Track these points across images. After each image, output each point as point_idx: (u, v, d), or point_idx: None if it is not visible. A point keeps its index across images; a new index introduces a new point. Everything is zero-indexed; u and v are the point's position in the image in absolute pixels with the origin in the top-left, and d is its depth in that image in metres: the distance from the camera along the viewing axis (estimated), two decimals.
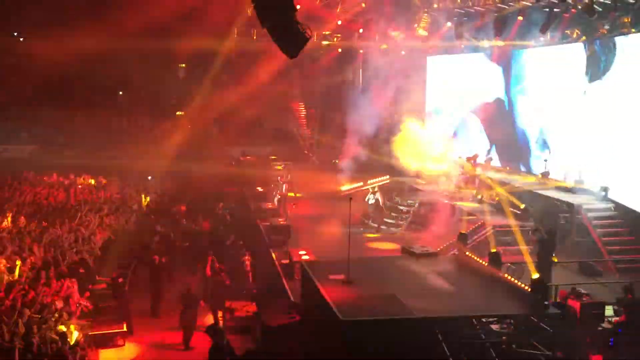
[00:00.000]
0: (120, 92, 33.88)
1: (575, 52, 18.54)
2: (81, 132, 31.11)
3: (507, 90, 22.27)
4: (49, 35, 24.18)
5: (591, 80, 17.77)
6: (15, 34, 29.69)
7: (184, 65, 31.62)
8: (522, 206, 17.10)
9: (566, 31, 18.93)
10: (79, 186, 24.05)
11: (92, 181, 25.12)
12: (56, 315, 11.95)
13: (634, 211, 15.33)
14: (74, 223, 18.37)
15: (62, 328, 11.69)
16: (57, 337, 11.15)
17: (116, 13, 23.74)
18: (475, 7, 20.92)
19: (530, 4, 18.33)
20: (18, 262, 14.31)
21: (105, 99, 31.93)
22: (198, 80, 29.02)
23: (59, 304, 12.46)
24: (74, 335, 11.84)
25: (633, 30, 16.10)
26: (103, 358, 12.64)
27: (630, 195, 15.71)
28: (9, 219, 18.36)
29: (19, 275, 13.87)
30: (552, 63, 19.67)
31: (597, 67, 17.55)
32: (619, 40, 16.56)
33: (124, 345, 13.50)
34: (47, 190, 22.67)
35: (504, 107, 22.34)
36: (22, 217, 18.65)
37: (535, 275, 11.27)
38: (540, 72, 20.43)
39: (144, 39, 24.09)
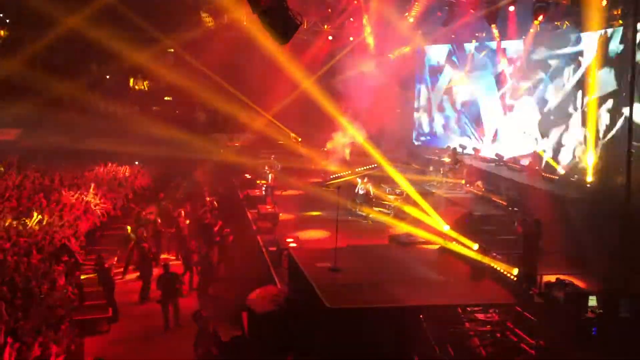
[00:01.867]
0: (108, 77, 33.37)
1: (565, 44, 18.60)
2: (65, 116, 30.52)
3: (497, 80, 22.28)
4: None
5: (580, 71, 17.84)
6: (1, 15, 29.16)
7: (172, 50, 31.13)
8: None
9: (556, 23, 18.98)
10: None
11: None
12: (41, 298, 11.89)
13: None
14: (58, 207, 18.21)
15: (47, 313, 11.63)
16: (42, 323, 11.09)
17: None
18: None
19: None
20: None
21: (91, 82, 31.37)
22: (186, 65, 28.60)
23: (44, 289, 12.39)
24: (60, 320, 11.78)
25: (620, 22, 16.17)
26: (88, 344, 12.58)
27: None
28: None
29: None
30: (542, 54, 19.70)
31: (585, 58, 17.62)
32: (608, 32, 16.60)
33: (108, 331, 13.47)
34: (32, 174, 22.41)
35: (493, 98, 22.36)
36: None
37: (521, 265, 11.39)
38: (530, 62, 20.44)
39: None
